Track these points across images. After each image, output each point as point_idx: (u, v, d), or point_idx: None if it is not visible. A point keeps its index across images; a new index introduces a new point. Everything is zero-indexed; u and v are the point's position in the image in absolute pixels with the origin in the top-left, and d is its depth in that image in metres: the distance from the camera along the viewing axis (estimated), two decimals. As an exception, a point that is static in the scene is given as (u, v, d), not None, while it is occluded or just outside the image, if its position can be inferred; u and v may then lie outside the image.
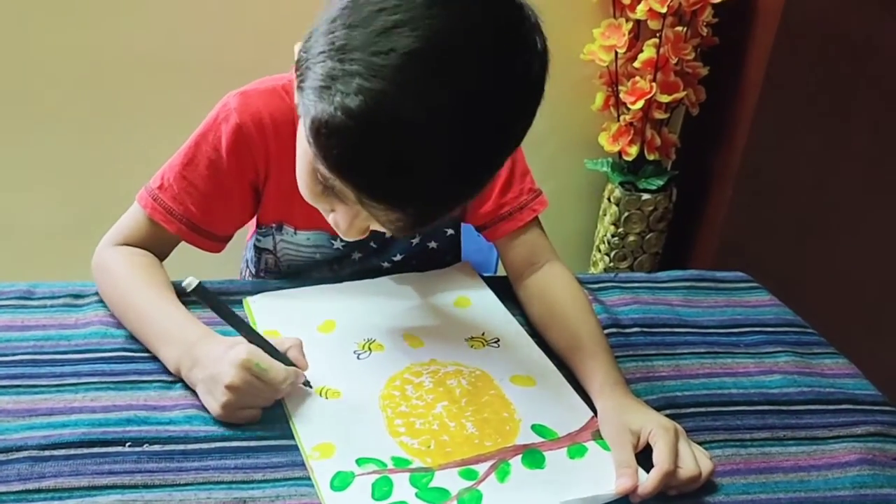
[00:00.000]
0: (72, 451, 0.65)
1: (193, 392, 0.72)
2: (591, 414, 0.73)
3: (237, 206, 0.84)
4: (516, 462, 0.67)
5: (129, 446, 0.66)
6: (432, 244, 0.96)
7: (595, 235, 1.64)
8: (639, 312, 0.91)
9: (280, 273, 0.94)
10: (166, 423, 0.69)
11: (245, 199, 0.84)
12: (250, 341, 0.70)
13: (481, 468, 0.66)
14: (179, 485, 0.63)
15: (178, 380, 0.73)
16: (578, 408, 0.74)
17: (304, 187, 0.71)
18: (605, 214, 1.58)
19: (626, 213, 1.53)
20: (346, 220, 0.69)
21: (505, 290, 0.91)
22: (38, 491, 0.61)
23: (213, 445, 0.67)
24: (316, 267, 0.93)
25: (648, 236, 1.55)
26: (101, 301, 0.83)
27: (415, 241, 0.94)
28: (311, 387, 0.73)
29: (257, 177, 0.84)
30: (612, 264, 1.58)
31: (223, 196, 0.82)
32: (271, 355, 0.69)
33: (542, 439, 0.70)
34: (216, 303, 0.71)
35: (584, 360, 0.77)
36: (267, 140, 0.81)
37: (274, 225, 0.88)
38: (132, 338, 0.78)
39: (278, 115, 0.80)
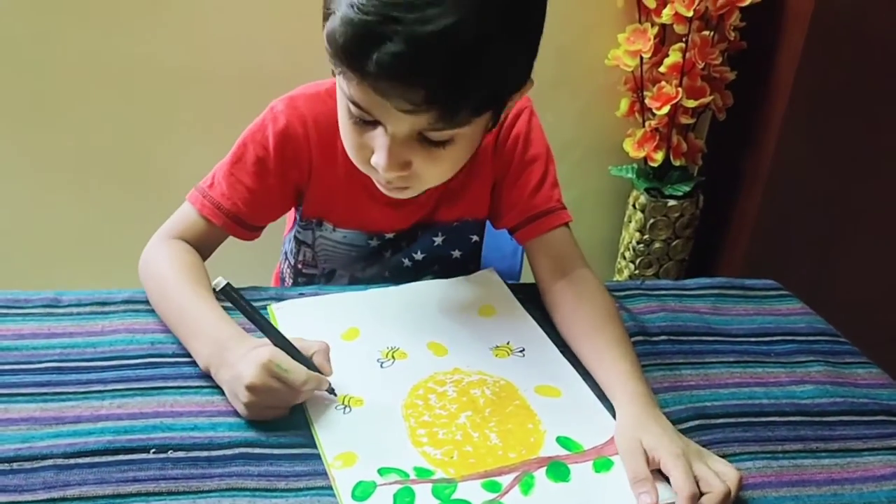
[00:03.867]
0: (97, 459, 0.65)
1: (220, 394, 0.72)
2: (618, 425, 0.72)
3: (279, 202, 0.88)
4: (541, 475, 0.66)
5: (154, 453, 0.66)
6: (455, 253, 0.96)
7: (620, 243, 1.62)
8: (666, 320, 0.90)
9: (316, 267, 0.96)
10: (191, 428, 0.69)
11: (287, 196, 0.88)
12: (276, 344, 0.70)
13: (505, 480, 0.65)
14: (203, 491, 0.63)
15: (202, 385, 0.74)
16: (604, 420, 0.73)
17: (345, 137, 0.73)
18: (630, 221, 1.56)
19: (651, 220, 1.51)
20: (384, 148, 0.70)
21: (531, 298, 0.90)
22: (63, 500, 0.62)
23: (236, 451, 0.67)
24: (349, 263, 0.94)
25: (675, 243, 1.53)
26: (127, 310, 0.83)
27: (437, 240, 0.94)
28: (334, 394, 0.73)
29: (301, 176, 0.87)
30: (637, 272, 1.56)
31: (268, 193, 0.85)
32: (295, 359, 0.70)
33: (567, 452, 0.69)
34: (243, 304, 0.71)
35: (609, 370, 0.76)
36: (311, 141, 0.85)
37: (314, 220, 0.91)
38: (158, 343, 0.79)
39: (322, 118, 0.84)
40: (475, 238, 0.97)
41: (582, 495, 0.64)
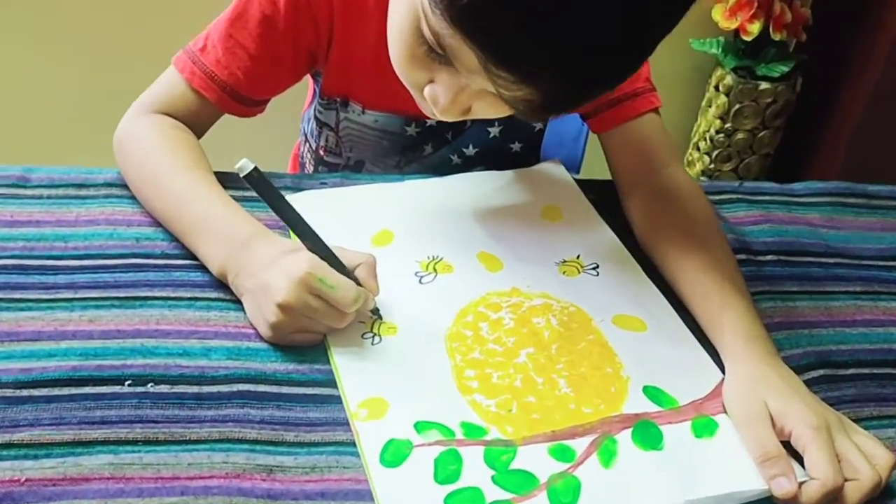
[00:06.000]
0: (56, 392, 0.51)
1: (217, 309, 0.58)
2: (723, 375, 0.56)
3: (288, 72, 0.71)
4: (625, 438, 0.51)
5: (130, 385, 0.52)
6: (516, 146, 0.78)
7: (694, 131, 1.43)
8: (772, 234, 0.73)
9: (340, 156, 0.79)
10: (178, 354, 0.55)
11: (298, 65, 0.71)
12: (312, 250, 0.55)
13: (579, 445, 0.50)
14: (189, 441, 0.50)
15: (197, 297, 0.59)
16: (705, 365, 0.57)
17: (399, 49, 0.57)
18: (710, 106, 1.37)
19: (737, 106, 1.31)
20: (450, 92, 0.55)
21: (605, 200, 0.72)
22: (9, 446, 0.48)
23: (234, 388, 0.53)
24: (381, 155, 0.78)
25: (761, 134, 1.33)
26: (109, 195, 0.68)
27: (493, 131, 0.76)
28: (380, 317, 0.58)
29: (318, 41, 0.69)
30: (712, 166, 1.38)
31: (274, 60, 0.68)
32: (337, 270, 0.55)
33: (657, 408, 0.53)
34: (275, 198, 0.56)
35: (711, 301, 0.59)
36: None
37: (338, 99, 0.74)
38: (145, 240, 0.63)
39: None
40: (538, 125, 0.78)
41: (679, 468, 0.49)
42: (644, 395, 0.54)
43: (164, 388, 0.52)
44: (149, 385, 0.52)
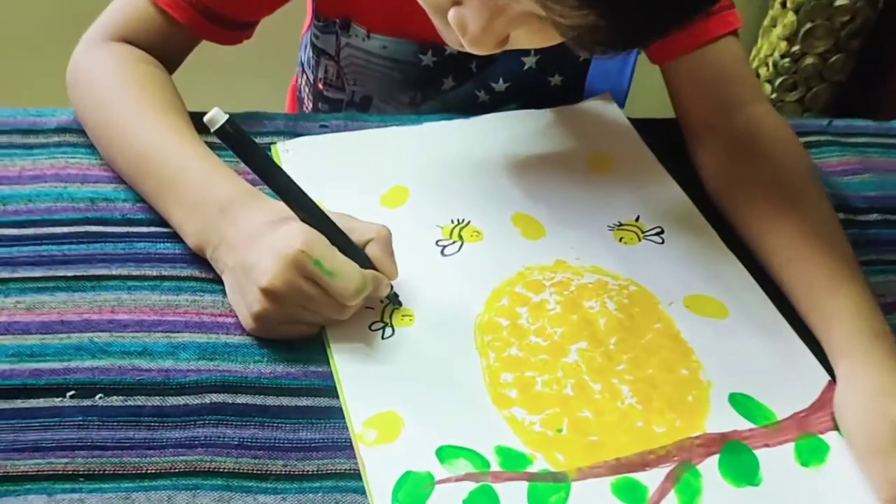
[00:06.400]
0: (-21, 407, 0.40)
1: (189, 291, 0.47)
2: (829, 378, 0.44)
3: None
4: (710, 469, 0.39)
5: (73, 397, 0.41)
6: (555, 79, 0.64)
7: (754, 55, 1.29)
8: (874, 187, 0.60)
9: (343, 90, 0.67)
10: (137, 352, 0.44)
11: None
12: (307, 221, 0.44)
13: (651, 479, 0.39)
14: (146, 475, 0.39)
15: (164, 276, 0.47)
16: (806, 364, 0.45)
17: None
18: (774, 26, 1.22)
19: (808, 25, 1.16)
20: (482, 17, 0.42)
21: (668, 145, 0.59)
22: (-89, 485, 0.37)
23: (206, 400, 0.42)
24: (391, 90, 0.65)
25: (833, 59, 1.18)
26: (61, 143, 0.56)
27: (528, 61, 0.62)
28: (399, 304, 0.46)
29: None
30: (774, 96, 1.25)
31: None
32: (340, 248, 0.43)
33: (749, 424, 0.41)
34: (256, 156, 0.44)
35: (815, 280, 0.47)
36: None
37: (338, 21, 0.63)
38: (102, 200, 0.52)
39: None
40: (582, 56, 0.64)
41: (781, 510, 0.38)
42: (731, 407, 0.42)
43: (115, 401, 0.41)
44: (97, 397, 0.41)
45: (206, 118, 0.42)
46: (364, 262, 0.44)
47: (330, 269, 0.41)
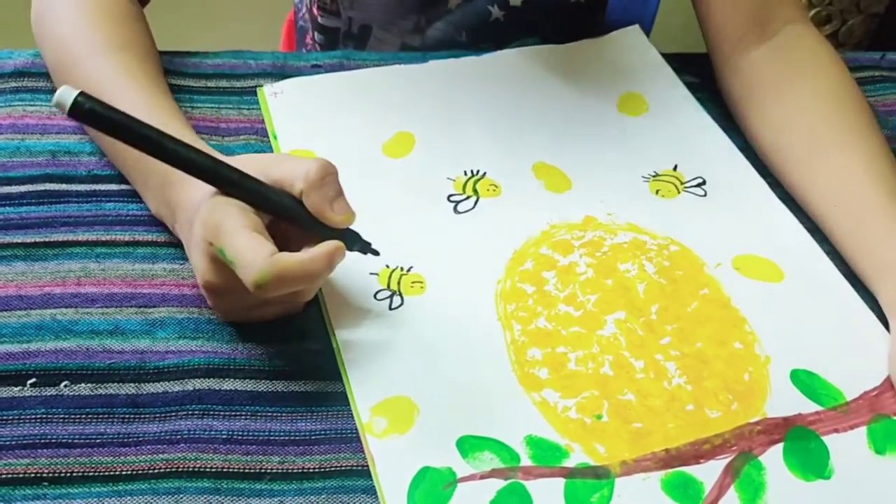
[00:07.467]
0: (-75, 398, 0.35)
1: (172, 261, 0.41)
2: (904, 349, 0.38)
3: None
4: (774, 460, 0.34)
5: (34, 385, 0.35)
6: (577, -3, 0.57)
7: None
8: (935, 129, 0.53)
9: (339, 17, 0.59)
10: (107, 332, 0.38)
11: None
12: (225, 191, 0.35)
13: (706, 473, 0.33)
14: (120, 478, 0.33)
15: (138, 241, 0.42)
16: (874, 334, 0.39)
17: None
18: None
19: (843, -48, 1.06)
20: None
21: (705, 81, 0.52)
22: None
23: (188, 387, 0.36)
24: (392, 16, 0.58)
25: (870, -12, 1.09)
26: (19, 89, 0.50)
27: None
28: (376, 253, 0.39)
29: None
30: None
31: None
32: (269, 208, 0.35)
33: (816, 406, 0.36)
34: (134, 131, 0.34)
35: (869, 224, 0.41)
36: None
37: None
38: (64, 154, 0.46)
39: None
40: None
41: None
42: (793, 386, 0.37)
43: (83, 390, 0.36)
44: (62, 385, 0.36)
45: (52, 102, 0.33)
46: (304, 219, 0.35)
47: (230, 259, 0.33)
